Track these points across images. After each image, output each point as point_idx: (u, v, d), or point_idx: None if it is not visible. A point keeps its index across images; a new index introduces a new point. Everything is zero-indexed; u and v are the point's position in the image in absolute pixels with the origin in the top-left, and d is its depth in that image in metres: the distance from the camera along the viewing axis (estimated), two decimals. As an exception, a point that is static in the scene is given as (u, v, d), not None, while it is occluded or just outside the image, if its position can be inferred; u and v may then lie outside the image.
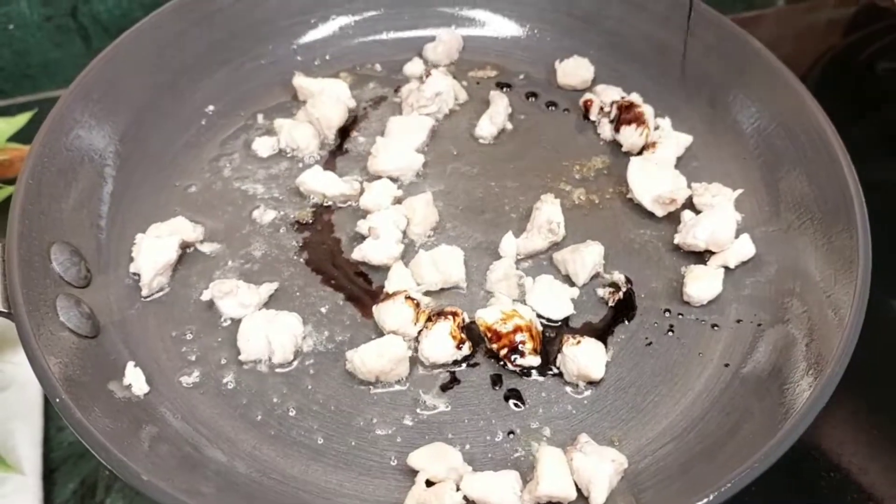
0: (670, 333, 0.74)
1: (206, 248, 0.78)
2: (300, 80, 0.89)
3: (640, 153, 0.85)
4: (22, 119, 1.02)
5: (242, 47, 0.91)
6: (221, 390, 0.70)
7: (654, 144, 0.85)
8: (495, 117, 0.87)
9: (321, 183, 0.81)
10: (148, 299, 0.75)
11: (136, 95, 0.83)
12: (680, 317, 0.75)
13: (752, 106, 0.84)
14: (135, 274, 0.75)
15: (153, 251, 0.74)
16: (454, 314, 0.72)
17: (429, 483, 0.63)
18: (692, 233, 0.77)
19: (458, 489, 0.63)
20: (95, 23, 1.14)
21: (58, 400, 0.59)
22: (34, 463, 0.78)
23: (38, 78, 1.15)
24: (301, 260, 0.78)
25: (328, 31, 0.95)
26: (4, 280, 0.65)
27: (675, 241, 0.79)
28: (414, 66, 0.93)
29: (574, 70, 0.91)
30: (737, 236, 0.77)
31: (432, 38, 0.94)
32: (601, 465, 0.63)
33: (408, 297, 0.72)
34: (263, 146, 0.86)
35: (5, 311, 0.64)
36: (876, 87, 1.13)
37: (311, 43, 0.94)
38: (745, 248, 0.76)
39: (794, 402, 0.63)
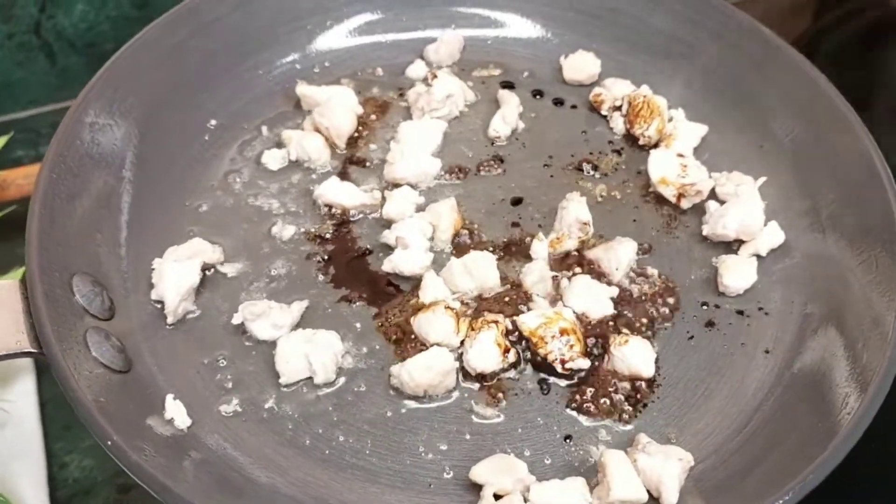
0: (711, 325, 0.73)
1: (228, 268, 0.75)
2: (304, 89, 0.86)
3: (655, 146, 0.85)
4: (-4, 143, 0.97)
5: (240, 58, 0.88)
6: (264, 416, 0.67)
7: (669, 136, 0.84)
8: (508, 116, 0.86)
9: (340, 194, 0.79)
10: (173, 327, 0.71)
11: (136, 113, 0.79)
12: (717, 308, 0.75)
13: (769, 94, 0.84)
14: (157, 301, 0.71)
15: (175, 276, 0.71)
16: (496, 322, 0.70)
17: (495, 496, 0.62)
18: (721, 223, 0.77)
19: (525, 500, 0.62)
20: (60, 38, 1.09)
21: (109, 443, 0.56)
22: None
23: (1, 100, 1.10)
24: (328, 275, 0.76)
25: (326, 37, 0.92)
26: (30, 318, 0.61)
27: (704, 233, 0.78)
28: (417, 69, 0.91)
29: (581, 65, 0.90)
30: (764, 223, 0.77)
31: (433, 40, 0.92)
32: (668, 464, 0.62)
33: (447, 307, 0.71)
34: (273, 159, 0.83)
35: (35, 350, 0.60)
36: (847, 70, 1.15)
37: (309, 50, 0.91)
38: (774, 236, 0.77)
39: (851, 393, 0.63)
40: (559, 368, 0.69)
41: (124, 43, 0.80)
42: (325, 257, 0.77)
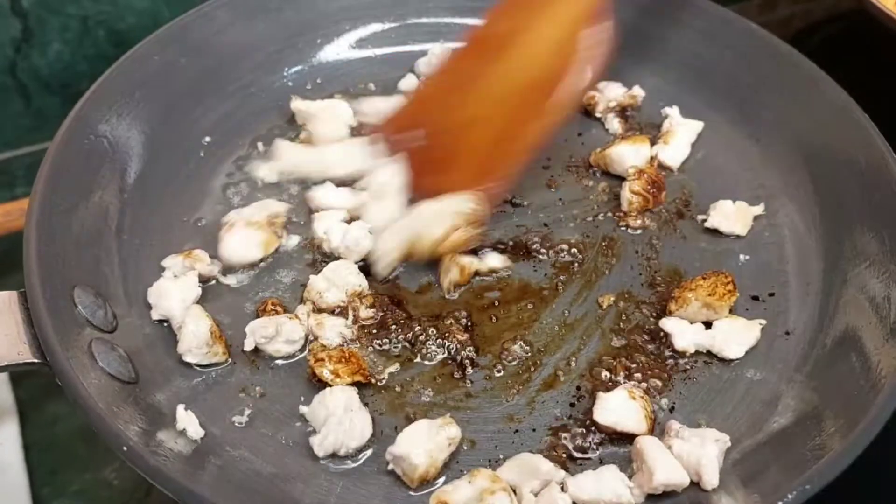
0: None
1: (231, 280, 0.73)
2: (298, 104, 0.86)
3: (653, 144, 0.85)
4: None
5: (232, 76, 0.87)
6: (279, 426, 0.64)
7: (667, 133, 0.85)
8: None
9: (329, 197, 0.78)
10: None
11: (129, 130, 0.78)
12: (735, 293, 0.74)
13: (761, 87, 0.85)
14: (160, 320, 0.69)
15: (177, 291, 0.68)
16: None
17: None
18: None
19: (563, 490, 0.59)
20: (36, 79, 1.07)
21: (125, 448, 0.53)
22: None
23: (-27, 141, 1.07)
24: (335, 283, 0.74)
25: (317, 54, 0.91)
26: (31, 329, 0.58)
27: (706, 225, 0.79)
28: (408, 82, 0.91)
29: (571, 70, 0.91)
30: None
31: (423, 53, 0.93)
32: (706, 447, 0.60)
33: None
34: (270, 172, 0.81)
35: (38, 360, 0.57)
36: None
37: (301, 67, 0.90)
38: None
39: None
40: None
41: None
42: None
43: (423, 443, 0.60)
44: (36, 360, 0.57)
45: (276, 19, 0.89)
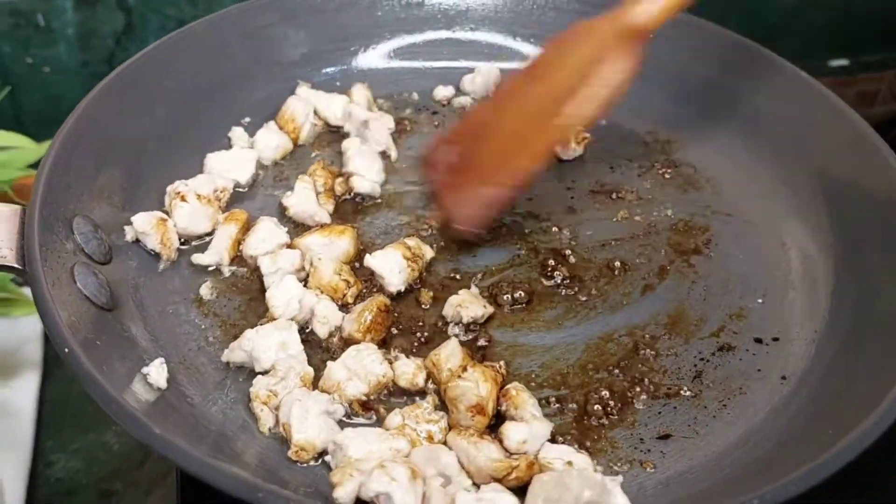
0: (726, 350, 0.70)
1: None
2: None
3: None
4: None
5: (281, 66, 0.90)
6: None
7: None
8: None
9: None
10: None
11: (171, 98, 0.82)
12: (735, 334, 0.71)
13: (782, 120, 0.84)
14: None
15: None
16: None
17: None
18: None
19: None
20: (131, 73, 1.14)
21: (66, 350, 0.54)
22: (16, 499, 0.74)
23: (65, 125, 1.14)
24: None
25: (368, 59, 0.94)
26: (22, 239, 0.61)
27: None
28: (446, 91, 0.93)
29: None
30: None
31: (470, 70, 0.94)
32: None
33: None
34: (297, 155, 0.84)
35: (19, 267, 0.60)
36: None
37: (350, 69, 0.93)
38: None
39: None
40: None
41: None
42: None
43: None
44: (16, 266, 0.59)
45: (333, 20, 0.92)
